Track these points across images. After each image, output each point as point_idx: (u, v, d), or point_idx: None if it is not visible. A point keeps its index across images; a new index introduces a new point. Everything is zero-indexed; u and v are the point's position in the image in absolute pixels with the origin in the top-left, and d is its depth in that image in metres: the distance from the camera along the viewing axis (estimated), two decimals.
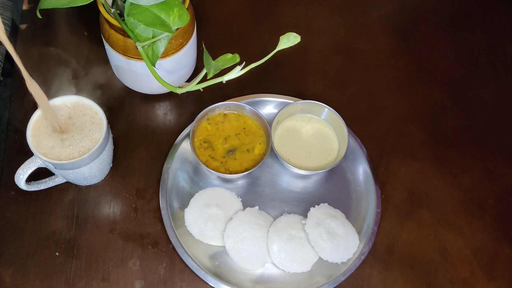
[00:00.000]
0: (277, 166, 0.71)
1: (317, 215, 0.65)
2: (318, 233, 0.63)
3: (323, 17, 0.87)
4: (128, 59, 0.65)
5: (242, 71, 0.59)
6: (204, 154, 0.67)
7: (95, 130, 0.60)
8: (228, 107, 0.69)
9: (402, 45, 0.85)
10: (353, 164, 0.71)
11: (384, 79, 0.81)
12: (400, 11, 0.89)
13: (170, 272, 0.63)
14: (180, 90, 0.61)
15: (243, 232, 0.64)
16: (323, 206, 0.67)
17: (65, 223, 0.65)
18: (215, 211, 0.65)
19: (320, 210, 0.66)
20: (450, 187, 0.72)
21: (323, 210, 0.66)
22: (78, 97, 0.61)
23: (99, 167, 0.63)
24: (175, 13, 0.59)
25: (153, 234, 0.65)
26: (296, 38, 0.59)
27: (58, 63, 0.77)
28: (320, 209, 0.66)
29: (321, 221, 0.64)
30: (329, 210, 0.66)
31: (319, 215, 0.65)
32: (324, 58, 0.82)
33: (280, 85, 0.78)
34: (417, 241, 0.67)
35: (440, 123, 0.77)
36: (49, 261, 0.63)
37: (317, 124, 0.72)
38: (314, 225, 0.64)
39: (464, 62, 0.84)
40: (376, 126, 0.76)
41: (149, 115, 0.74)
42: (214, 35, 0.82)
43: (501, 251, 0.67)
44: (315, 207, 0.66)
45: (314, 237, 0.63)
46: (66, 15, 0.81)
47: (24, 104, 0.72)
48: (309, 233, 0.64)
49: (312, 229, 0.64)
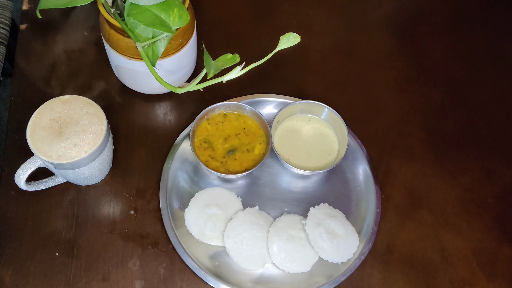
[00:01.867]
0: (277, 166, 0.71)
1: (317, 215, 0.65)
2: (318, 233, 0.63)
3: (323, 17, 0.87)
4: (128, 59, 0.65)
5: (242, 71, 0.59)
6: (204, 154, 0.67)
7: (95, 130, 0.60)
8: (228, 107, 0.69)
9: (402, 45, 0.85)
10: (353, 164, 0.71)
11: (384, 79, 0.81)
12: (400, 11, 0.89)
13: (170, 272, 0.63)
14: (180, 90, 0.61)
15: (243, 232, 0.64)
16: (323, 206, 0.67)
17: (65, 223, 0.65)
18: (215, 211, 0.65)
19: (320, 210, 0.66)
20: (450, 187, 0.72)
21: (323, 210, 0.66)
22: (78, 97, 0.61)
23: (99, 167, 0.63)
24: (175, 13, 0.59)
25: (153, 234, 0.65)
26: (296, 38, 0.59)
27: (58, 63, 0.77)
28: (320, 209, 0.66)
29: (321, 221, 0.64)
30: (329, 210, 0.66)
31: (319, 215, 0.65)
32: (324, 58, 0.82)
33: (280, 85, 0.78)
34: (417, 241, 0.67)
35: (440, 123, 0.77)
36: (49, 261, 0.63)
37: (317, 124, 0.72)
38: (314, 225, 0.64)
39: (464, 62, 0.84)
40: (376, 126, 0.76)
41: (149, 115, 0.74)
42: (214, 35, 0.82)
43: (501, 251, 0.67)
44: (315, 207, 0.66)
45: (314, 237, 0.63)
46: (66, 15, 0.81)
47: (24, 104, 0.73)
48: (309, 233, 0.64)
49: (312, 229, 0.64)
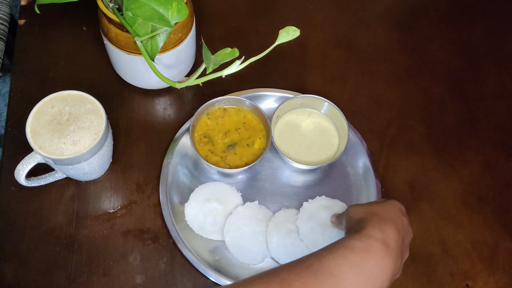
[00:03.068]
0: (277, 161, 0.71)
1: (310, 208, 0.65)
2: (310, 227, 0.63)
3: (322, 11, 0.86)
4: (127, 54, 0.65)
5: (242, 66, 0.59)
6: (204, 149, 0.67)
7: (95, 125, 0.59)
8: (228, 102, 0.69)
9: (402, 39, 0.84)
10: (353, 158, 0.71)
11: (384, 73, 0.81)
12: (400, 4, 0.89)
13: (171, 267, 0.63)
14: (180, 85, 0.61)
15: (242, 227, 0.64)
16: (319, 199, 0.67)
17: (65, 218, 0.65)
18: (215, 205, 0.65)
19: (314, 203, 0.66)
20: (450, 180, 0.72)
21: (318, 203, 0.66)
22: (77, 92, 0.61)
23: (99, 162, 0.63)
24: (174, 7, 0.59)
25: (154, 229, 0.65)
26: (295, 32, 0.59)
27: (57, 58, 0.77)
28: (314, 202, 0.66)
29: (313, 214, 0.64)
30: (325, 202, 0.66)
31: (313, 208, 0.65)
32: (324, 52, 0.82)
33: (280, 79, 0.78)
34: (417, 235, 0.67)
35: (440, 116, 0.77)
36: (50, 257, 0.63)
37: (317, 118, 0.72)
38: (305, 219, 0.64)
39: (464, 56, 0.83)
40: (376, 120, 0.76)
41: (149, 110, 0.74)
42: (213, 29, 0.82)
43: (501, 244, 0.67)
44: (309, 201, 0.66)
45: (305, 231, 0.63)
46: (64, 10, 0.81)
47: (23, 100, 0.72)
48: (299, 228, 0.64)
49: (303, 223, 0.64)
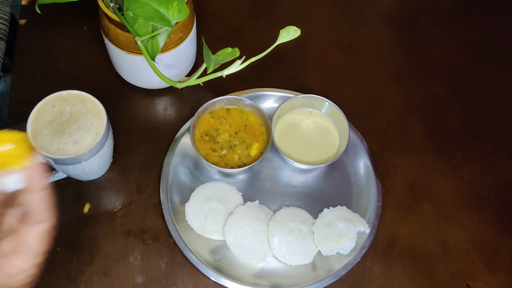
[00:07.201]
0: (277, 161, 0.71)
1: (329, 216, 0.65)
2: (326, 234, 0.64)
3: (323, 11, 0.86)
4: (127, 53, 0.65)
5: (242, 65, 0.59)
6: (204, 148, 0.67)
7: (95, 125, 0.59)
8: (228, 101, 0.69)
9: (403, 39, 0.84)
10: (353, 158, 0.71)
11: (384, 72, 0.81)
12: (401, 4, 0.89)
13: (171, 267, 0.63)
14: (180, 85, 0.61)
15: (243, 227, 0.64)
16: (340, 208, 0.67)
17: (65, 218, 0.65)
18: (216, 205, 0.65)
19: (334, 212, 0.66)
20: (451, 180, 0.71)
21: (338, 212, 0.66)
22: (78, 92, 0.61)
23: (99, 162, 0.63)
24: (175, 7, 0.59)
25: (154, 228, 0.65)
26: (296, 31, 0.59)
27: (57, 58, 0.77)
28: (334, 211, 0.66)
29: (331, 222, 0.64)
30: (346, 213, 0.66)
31: (332, 216, 0.65)
32: (324, 52, 0.82)
33: (280, 79, 0.78)
34: (418, 235, 0.67)
35: (441, 116, 0.77)
36: (50, 257, 0.62)
37: (317, 118, 0.72)
38: (323, 225, 0.64)
39: (465, 55, 0.83)
40: (377, 120, 0.76)
41: (149, 110, 0.74)
42: (214, 29, 0.82)
43: (502, 244, 0.67)
44: (330, 209, 0.66)
45: (320, 237, 0.64)
46: (65, 10, 0.81)
47: (24, 100, 0.72)
48: (315, 232, 0.64)
49: (319, 229, 0.64)
